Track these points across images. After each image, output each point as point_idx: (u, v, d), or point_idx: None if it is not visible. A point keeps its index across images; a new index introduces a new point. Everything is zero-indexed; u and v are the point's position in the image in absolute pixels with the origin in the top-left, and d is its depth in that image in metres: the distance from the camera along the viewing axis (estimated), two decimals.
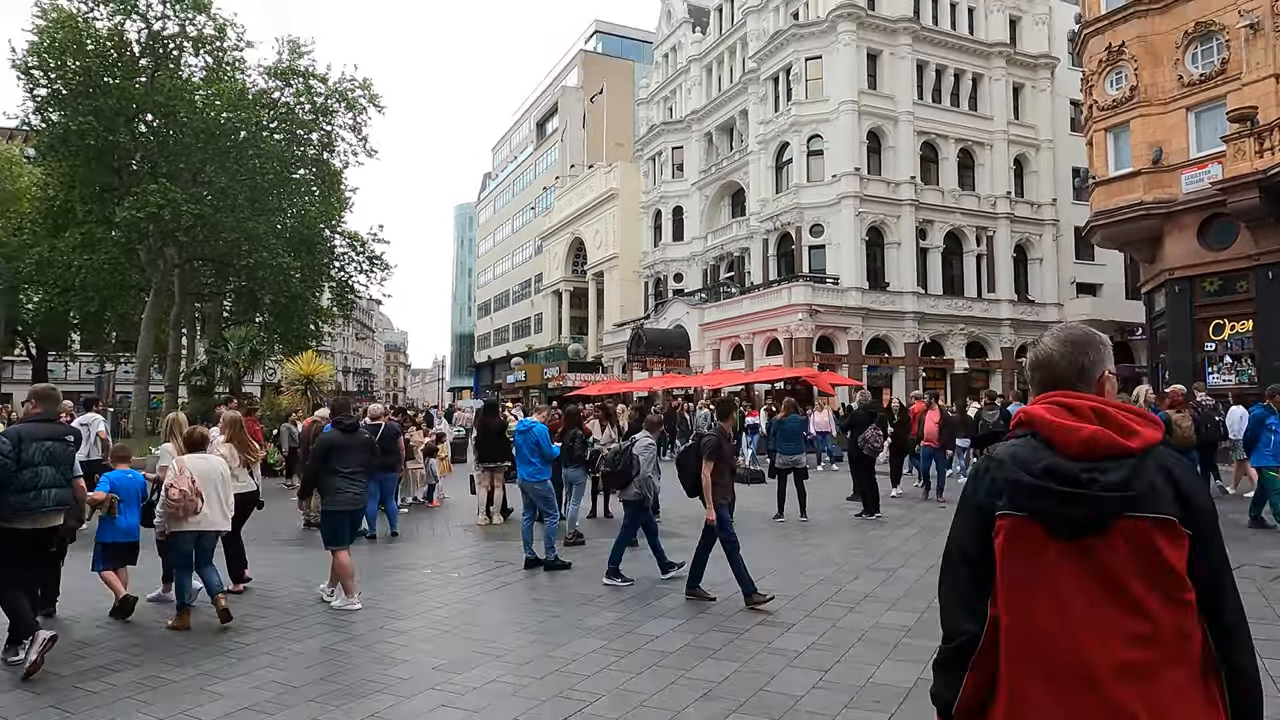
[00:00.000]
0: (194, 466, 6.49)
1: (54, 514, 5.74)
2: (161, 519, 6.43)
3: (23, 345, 39.78)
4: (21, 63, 23.75)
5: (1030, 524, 1.66)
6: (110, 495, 6.62)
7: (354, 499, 7.10)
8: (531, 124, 69.21)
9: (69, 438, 6.01)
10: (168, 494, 6.27)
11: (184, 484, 6.29)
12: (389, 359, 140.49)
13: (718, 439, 7.25)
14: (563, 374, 44.53)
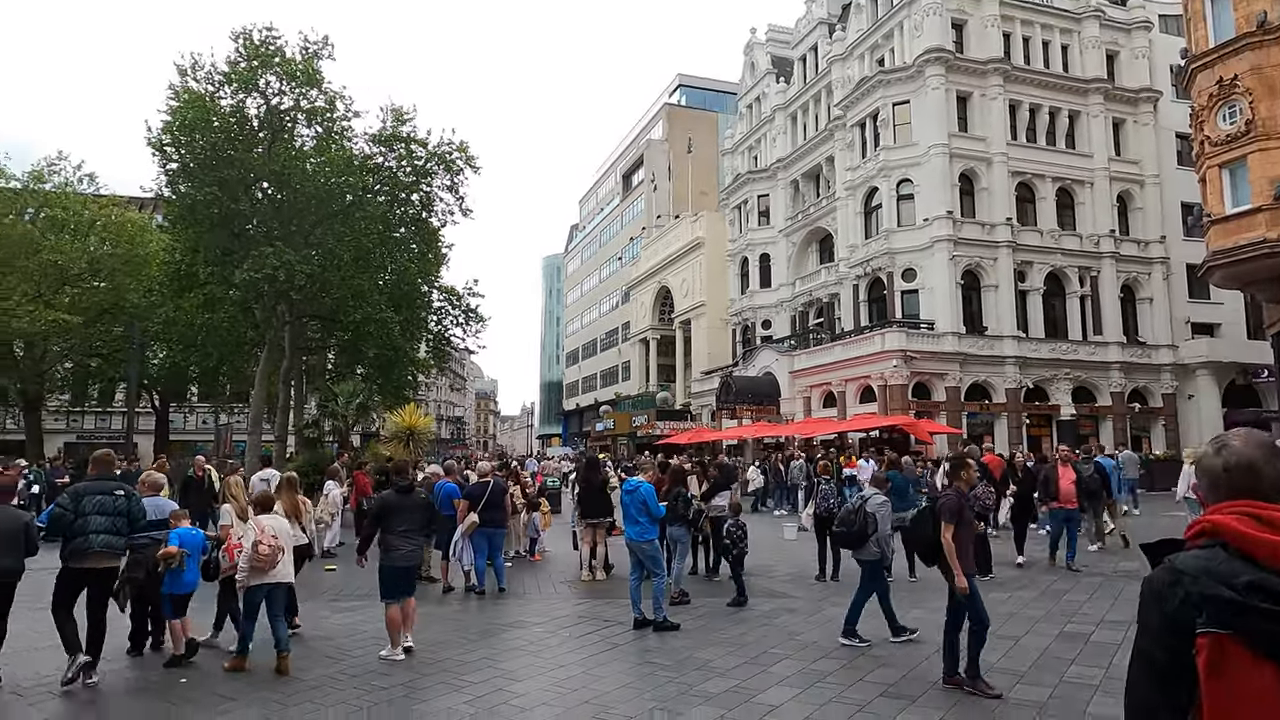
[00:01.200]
0: (272, 525, 7.09)
1: (102, 555, 6.75)
2: (244, 572, 6.93)
3: (148, 398, 42.51)
4: (156, 140, 25.76)
5: (1236, 643, 1.57)
6: (180, 550, 7.18)
7: (407, 556, 7.54)
8: (617, 176, 70.77)
9: (119, 492, 6.97)
10: (257, 550, 6.82)
11: (269, 540, 6.88)
12: (480, 407, 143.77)
13: (957, 499, 6.60)
14: (651, 422, 44.61)
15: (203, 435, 43.60)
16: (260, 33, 25.81)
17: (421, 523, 7.89)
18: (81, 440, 42.85)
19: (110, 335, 34.89)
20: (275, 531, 7.05)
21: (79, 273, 33.51)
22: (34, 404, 36.03)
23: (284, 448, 28.71)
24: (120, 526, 6.88)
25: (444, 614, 9.67)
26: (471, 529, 10.33)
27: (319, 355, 35.32)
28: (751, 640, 8.02)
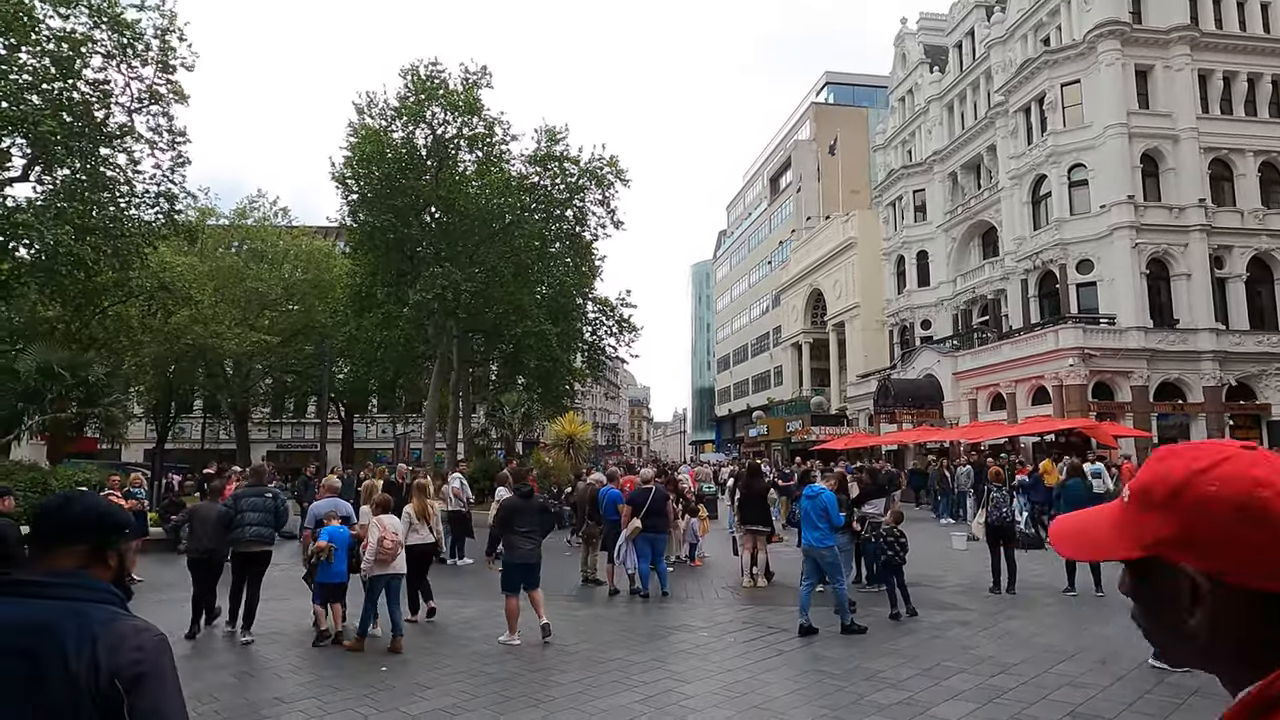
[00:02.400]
0: (392, 524, 8.26)
1: (253, 543, 8.79)
2: (368, 564, 8.00)
3: (335, 410, 46.41)
4: (339, 175, 28.22)
5: None
6: (329, 545, 8.29)
7: (528, 554, 8.29)
8: (765, 180, 70.22)
9: (268, 495, 9.21)
10: (382, 545, 7.94)
11: (391, 537, 8.06)
12: (633, 414, 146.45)
13: None
14: (806, 427, 43.84)
15: (383, 444, 47.01)
16: (426, 68, 27.70)
17: (540, 524, 8.68)
18: (281, 449, 47.41)
19: (302, 354, 38.44)
20: (396, 529, 8.17)
21: (276, 298, 37.20)
22: (242, 416, 40.32)
23: (454, 454, 30.49)
24: (268, 520, 8.94)
25: (611, 616, 10.00)
26: (635, 534, 10.63)
27: (484, 367, 37.32)
28: (923, 652, 7.78)
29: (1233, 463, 0.84)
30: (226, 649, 8.36)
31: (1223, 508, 0.81)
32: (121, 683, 1.57)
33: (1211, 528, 0.82)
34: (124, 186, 20.96)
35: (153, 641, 1.65)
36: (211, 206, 37.31)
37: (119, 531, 1.82)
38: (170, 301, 25.19)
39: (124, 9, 19.52)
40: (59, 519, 1.77)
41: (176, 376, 37.13)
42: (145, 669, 1.60)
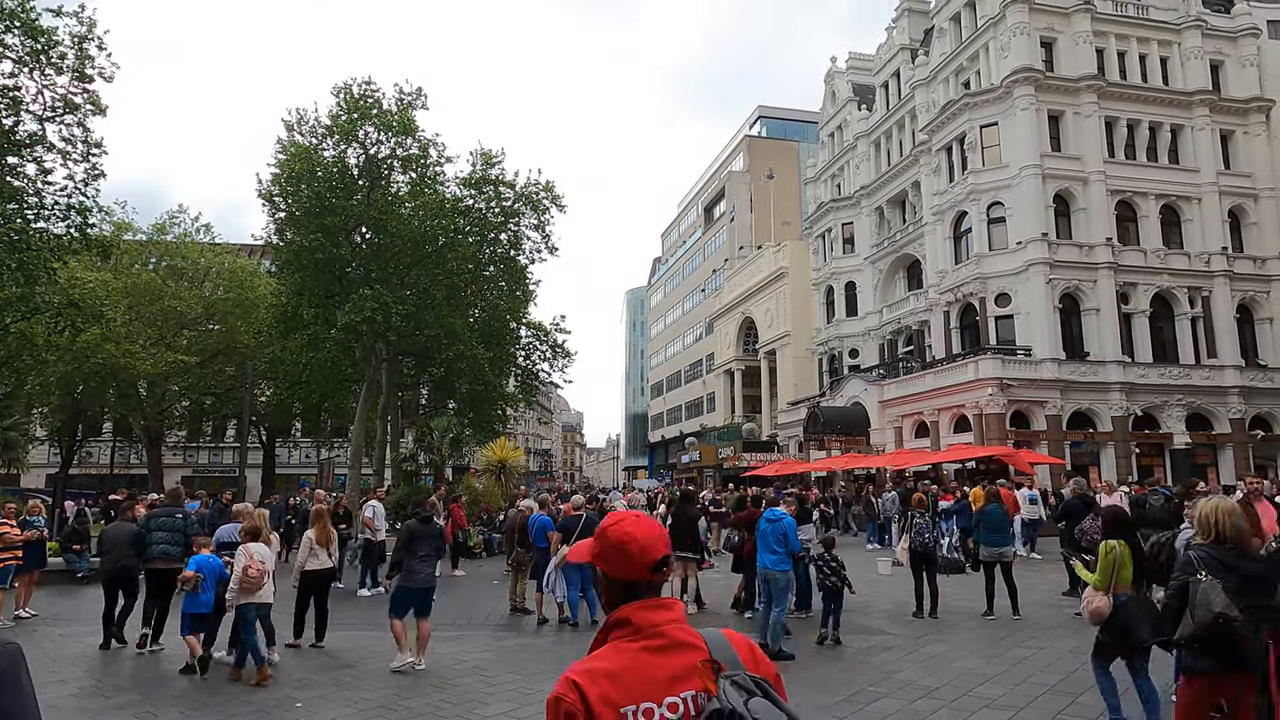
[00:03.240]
0: (259, 552, 8.05)
1: (158, 560, 9.25)
2: (233, 593, 7.90)
3: (256, 434, 44.79)
4: (266, 191, 27.48)
5: None
6: (196, 574, 8.24)
7: (426, 578, 8.41)
8: (699, 209, 71.29)
9: (178, 515, 9.86)
10: (246, 573, 7.82)
11: (257, 565, 7.91)
12: (566, 439, 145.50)
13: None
14: (737, 454, 44.27)
15: (306, 469, 45.60)
16: (360, 86, 27.29)
17: (435, 549, 8.95)
18: (197, 474, 45.44)
19: (223, 375, 37.07)
20: (262, 557, 8.02)
21: (195, 317, 35.81)
22: (155, 440, 38.48)
23: (381, 480, 29.73)
24: (178, 540, 9.38)
25: (539, 645, 9.84)
26: (565, 561, 10.50)
27: (414, 392, 36.58)
28: (848, 678, 7.86)
29: (620, 522, 1.83)
30: (131, 686, 7.90)
31: (609, 540, 1.78)
32: None
33: (604, 549, 1.79)
34: (32, 198, 19.95)
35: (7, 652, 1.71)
36: (128, 220, 35.80)
37: None
38: (79, 319, 23.92)
39: (39, 14, 18.72)
40: None
41: (84, 398, 35.31)
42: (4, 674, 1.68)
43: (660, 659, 1.67)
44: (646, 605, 1.73)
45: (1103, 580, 5.73)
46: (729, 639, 1.76)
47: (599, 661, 1.67)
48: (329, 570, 9.53)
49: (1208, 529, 4.37)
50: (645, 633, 1.69)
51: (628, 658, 1.66)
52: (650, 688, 1.63)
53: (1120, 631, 5.63)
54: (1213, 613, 3.98)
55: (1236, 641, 4.02)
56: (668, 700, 1.63)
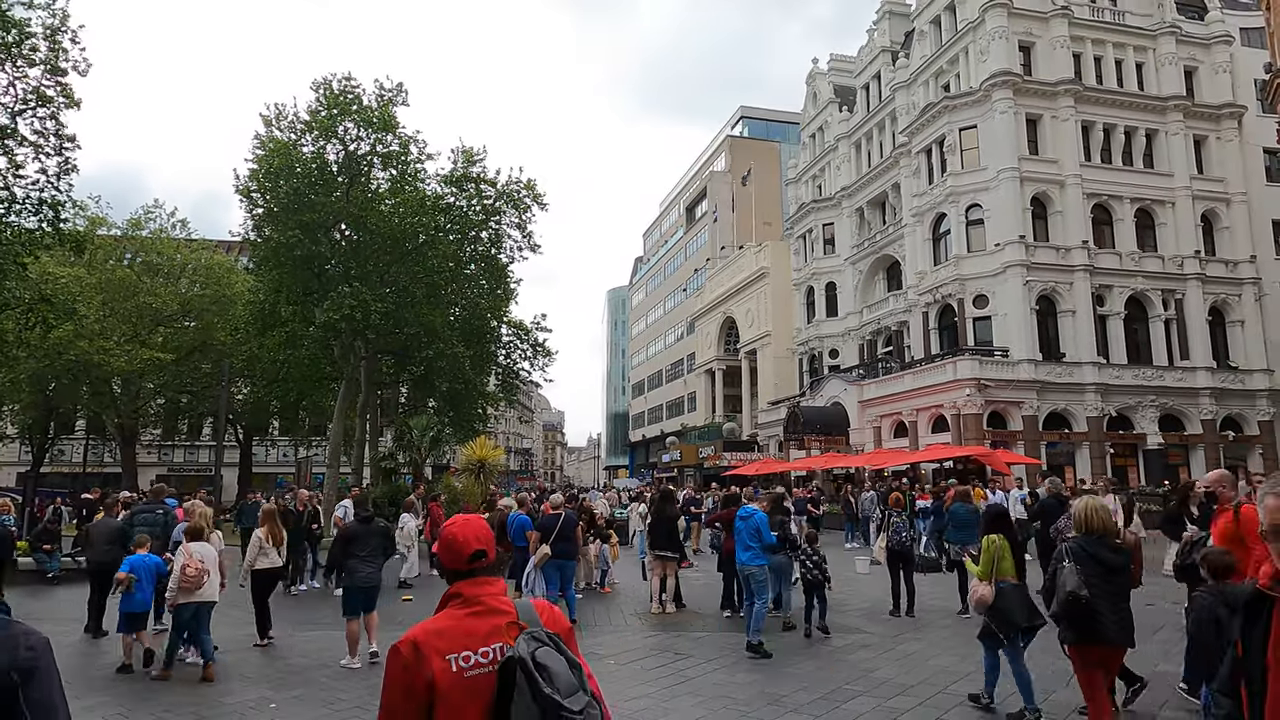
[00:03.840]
0: (199, 551, 8.10)
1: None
2: (172, 592, 7.92)
3: (232, 433, 44.34)
4: (244, 187, 27.14)
5: None
6: (130, 575, 8.24)
7: (368, 577, 8.55)
8: (681, 209, 71.38)
9: (159, 511, 10.62)
10: (184, 572, 7.84)
11: (196, 564, 7.92)
12: (547, 438, 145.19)
13: None
14: (718, 453, 44.42)
15: (284, 468, 45.17)
16: (339, 82, 27.04)
17: (380, 548, 8.91)
18: (173, 472, 44.85)
19: (199, 373, 36.63)
20: (202, 556, 8.06)
21: (171, 314, 35.34)
22: (130, 438, 37.96)
23: (360, 479, 29.52)
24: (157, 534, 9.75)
25: None
26: (544, 560, 10.48)
27: (393, 390, 36.30)
28: (826, 676, 7.91)
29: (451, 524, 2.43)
30: (104, 687, 7.79)
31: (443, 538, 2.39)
32: (17, 674, 1.89)
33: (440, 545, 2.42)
34: (3, 191, 19.62)
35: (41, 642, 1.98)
36: (102, 215, 35.28)
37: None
38: (51, 315, 23.57)
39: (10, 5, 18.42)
40: None
41: (56, 395, 34.75)
42: (37, 664, 1.96)
43: (479, 621, 2.26)
44: (473, 583, 2.34)
45: (984, 571, 6.43)
46: (534, 606, 2.37)
47: (433, 624, 2.26)
48: (278, 569, 9.97)
49: (1080, 523, 5.19)
50: (470, 602, 2.29)
51: (455, 621, 2.26)
52: (469, 641, 2.20)
53: (1001, 615, 6.25)
54: (1065, 591, 4.86)
55: (1092, 617, 4.88)
56: (481, 649, 2.20)
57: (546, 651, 2.13)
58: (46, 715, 1.95)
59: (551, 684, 2.07)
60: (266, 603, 9.66)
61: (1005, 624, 6.25)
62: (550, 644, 2.17)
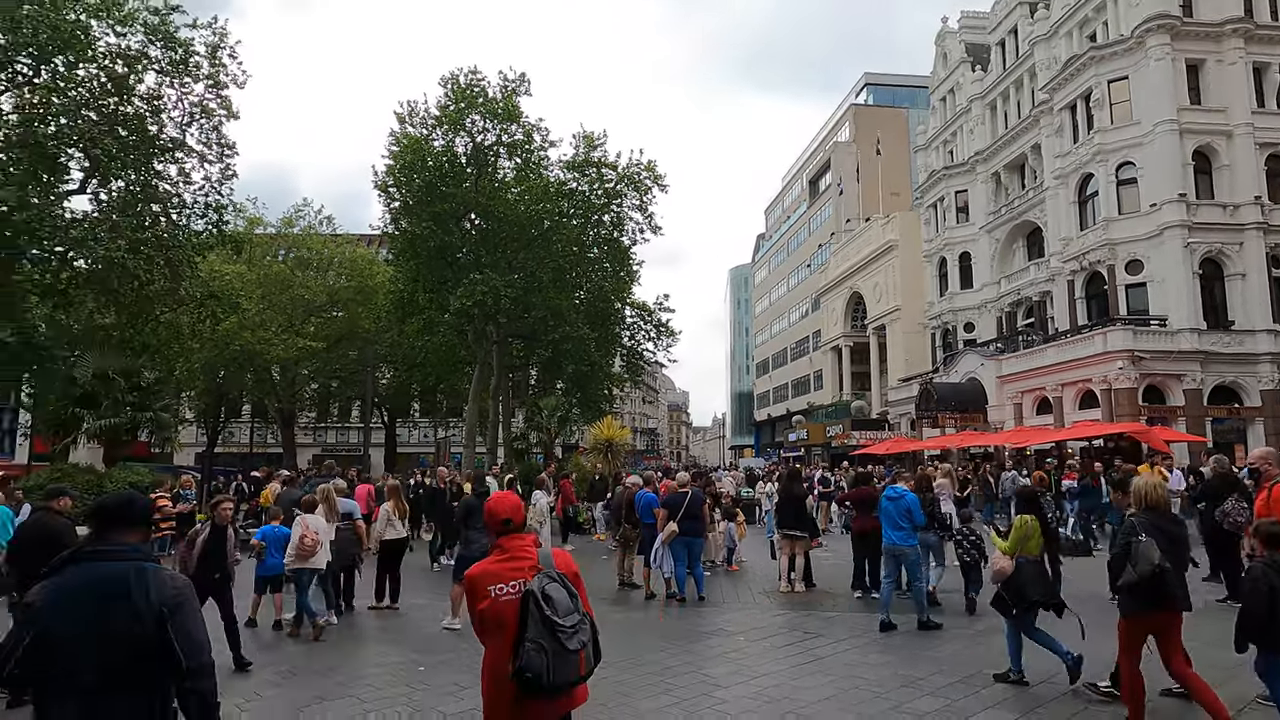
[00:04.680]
0: (314, 523, 9.06)
1: None
2: (290, 558, 8.88)
3: (378, 415, 47.16)
4: (381, 183, 28.70)
5: None
6: (261, 542, 9.37)
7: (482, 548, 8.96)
8: (804, 183, 69.81)
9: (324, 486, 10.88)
10: (302, 542, 8.78)
11: (311, 535, 8.86)
12: (672, 418, 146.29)
13: None
14: (846, 432, 43.47)
15: (424, 448, 47.63)
16: (466, 76, 28.05)
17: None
18: (326, 452, 48.22)
19: (346, 359, 39.13)
20: (316, 528, 9.00)
21: (321, 305, 37.91)
22: (288, 421, 41.14)
23: (494, 458, 30.78)
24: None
25: (647, 619, 10.02)
26: (671, 537, 10.64)
27: (523, 372, 37.61)
28: (963, 660, 7.66)
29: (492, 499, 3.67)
30: (257, 649, 8.54)
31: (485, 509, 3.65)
32: (166, 608, 2.71)
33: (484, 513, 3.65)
34: (175, 198, 21.54)
35: (184, 583, 2.86)
36: (259, 215, 38.19)
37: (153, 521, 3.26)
38: (219, 309, 25.72)
39: (178, 27, 20.11)
40: (130, 509, 3.02)
41: (225, 382, 38.04)
42: (181, 600, 2.79)
43: (511, 564, 3.39)
44: (508, 539, 3.48)
45: (1011, 547, 6.91)
46: (552, 554, 3.45)
47: (481, 566, 3.47)
48: (403, 540, 10.76)
49: (1140, 499, 5.56)
50: (505, 551, 3.45)
51: (495, 564, 3.42)
52: (502, 577, 3.35)
53: (1017, 589, 6.66)
54: (1152, 564, 5.12)
55: (1166, 586, 5.21)
56: (511, 583, 3.32)
57: (554, 586, 3.25)
58: (189, 641, 2.72)
59: (552, 608, 3.16)
60: (397, 571, 10.50)
61: (1018, 596, 6.64)
62: (557, 580, 3.28)
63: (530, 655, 3.08)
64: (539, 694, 3.12)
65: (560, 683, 3.13)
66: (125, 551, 2.84)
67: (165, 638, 2.66)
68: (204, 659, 2.76)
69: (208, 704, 2.78)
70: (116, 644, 2.64)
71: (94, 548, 2.83)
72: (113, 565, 2.76)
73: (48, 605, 2.67)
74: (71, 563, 2.79)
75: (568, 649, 3.12)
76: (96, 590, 2.69)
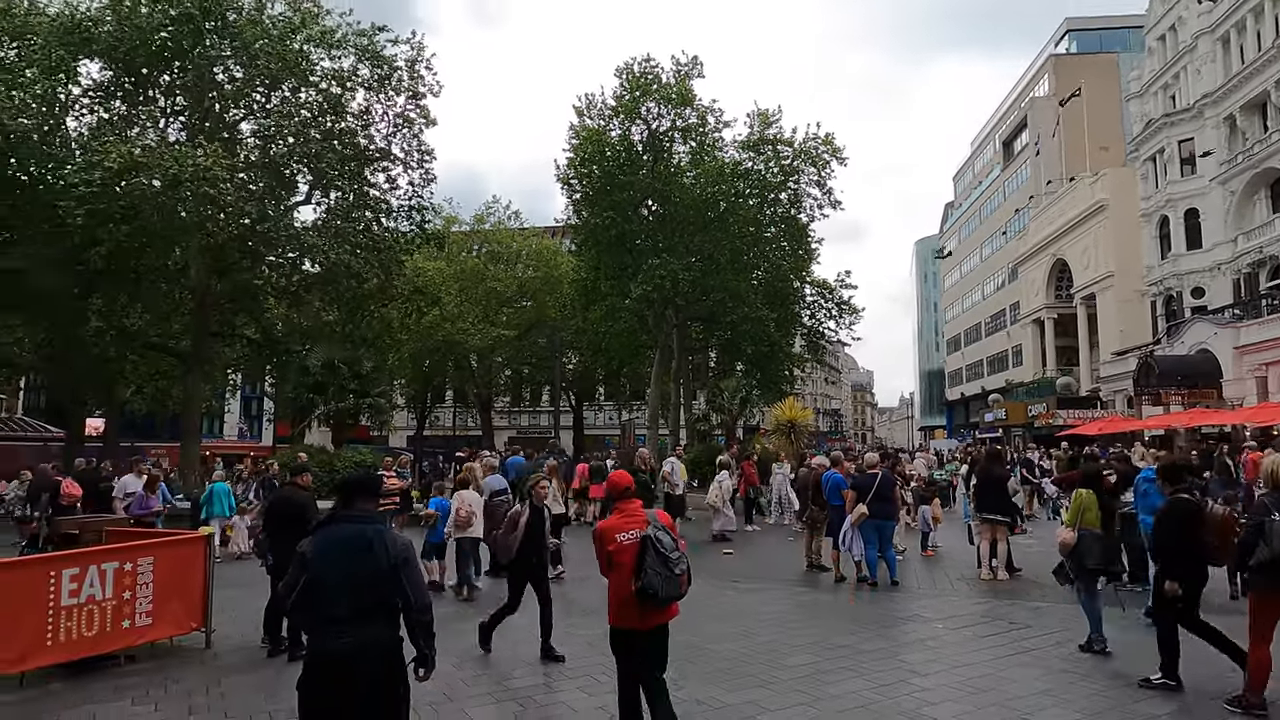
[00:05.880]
0: (467, 498, 10.03)
1: None
2: (450, 528, 10.00)
3: (566, 399, 49.31)
4: (563, 176, 29.84)
5: None
6: (433, 512, 10.66)
7: None
8: (996, 145, 65.01)
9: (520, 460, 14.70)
10: (458, 513, 9.88)
11: (466, 508, 9.87)
12: (855, 399, 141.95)
13: None
14: (1050, 411, 40.22)
15: (610, 430, 49.26)
16: (640, 64, 28.50)
17: (644, 499, 10.63)
18: (520, 435, 51.17)
19: (536, 346, 41.21)
20: (470, 502, 9.98)
21: (511, 295, 40.16)
22: (486, 405, 44.04)
23: (676, 440, 31.29)
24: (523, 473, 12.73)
25: (837, 603, 9.84)
26: (860, 520, 10.36)
27: (703, 355, 37.90)
28: (1204, 660, 6.90)
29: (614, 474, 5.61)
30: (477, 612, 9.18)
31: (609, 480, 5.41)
32: (398, 559, 3.60)
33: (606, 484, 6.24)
34: (384, 204, 23.61)
35: (408, 541, 3.80)
36: (454, 215, 40.96)
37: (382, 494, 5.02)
38: (423, 303, 27.97)
39: (383, 45, 21.96)
40: (370, 484, 3.98)
41: (430, 370, 41.26)
42: (409, 555, 3.69)
43: (628, 519, 4.73)
44: (625, 502, 4.86)
45: (1071, 519, 7.31)
46: (656, 514, 4.82)
47: (607, 522, 4.85)
48: (560, 515, 11.78)
49: (1270, 479, 5.66)
50: (623, 511, 4.80)
51: (617, 520, 4.77)
52: (622, 528, 4.66)
53: (1078, 557, 7.09)
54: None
55: None
56: (630, 531, 4.62)
57: (661, 532, 4.64)
58: (416, 587, 3.63)
59: (662, 546, 4.54)
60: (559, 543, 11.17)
61: (1078, 566, 7.10)
62: (662, 529, 4.67)
63: (650, 577, 4.43)
64: (654, 604, 4.50)
65: (667, 596, 4.52)
66: (366, 516, 3.71)
67: (399, 582, 3.54)
68: (425, 599, 3.67)
69: (429, 632, 3.68)
70: (363, 585, 3.48)
71: (344, 513, 3.68)
72: (359, 526, 3.63)
73: (316, 554, 3.55)
74: (330, 523, 3.67)
75: (674, 573, 4.50)
76: (348, 545, 3.54)
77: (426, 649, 3.65)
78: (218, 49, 20.53)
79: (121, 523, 9.94)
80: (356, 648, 3.40)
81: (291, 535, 7.16)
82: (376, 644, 3.46)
